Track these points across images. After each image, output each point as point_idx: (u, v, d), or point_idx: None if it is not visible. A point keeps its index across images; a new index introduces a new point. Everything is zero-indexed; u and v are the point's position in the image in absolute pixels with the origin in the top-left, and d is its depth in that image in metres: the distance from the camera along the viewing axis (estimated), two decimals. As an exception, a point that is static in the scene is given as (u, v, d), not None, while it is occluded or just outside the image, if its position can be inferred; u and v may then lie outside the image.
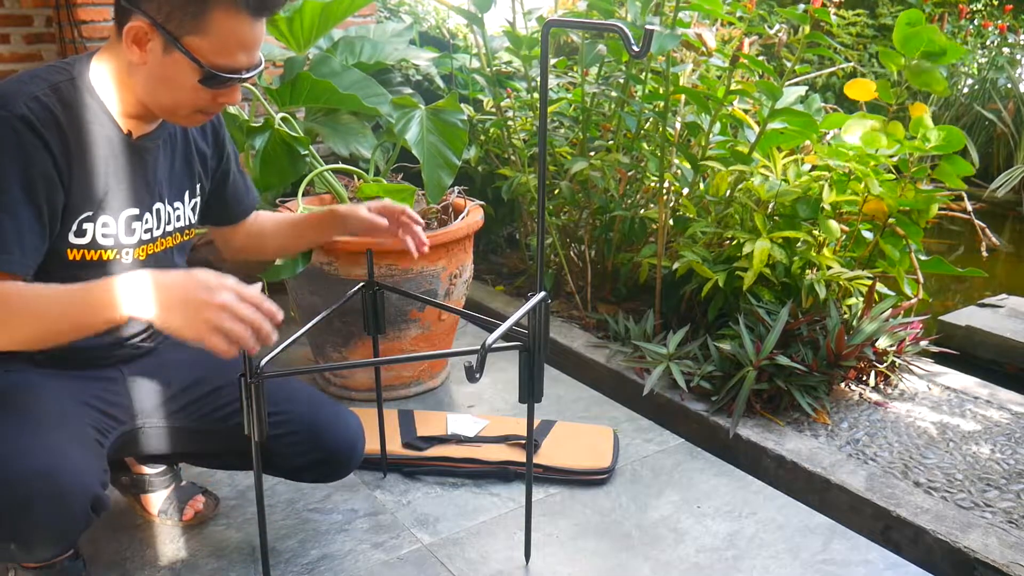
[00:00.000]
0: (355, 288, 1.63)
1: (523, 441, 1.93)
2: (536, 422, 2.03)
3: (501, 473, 1.86)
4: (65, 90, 1.26)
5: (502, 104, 2.81)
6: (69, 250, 1.30)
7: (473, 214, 2.25)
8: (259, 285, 1.18)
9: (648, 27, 1.15)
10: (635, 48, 1.14)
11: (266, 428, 1.28)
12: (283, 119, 2.14)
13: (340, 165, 2.26)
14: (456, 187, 2.40)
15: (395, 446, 1.91)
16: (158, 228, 1.42)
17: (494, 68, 2.74)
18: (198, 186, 1.51)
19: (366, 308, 1.66)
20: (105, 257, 1.34)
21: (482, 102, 3.10)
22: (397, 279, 2.08)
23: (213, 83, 1.25)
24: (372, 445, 1.85)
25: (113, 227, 1.34)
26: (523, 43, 2.61)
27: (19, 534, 1.21)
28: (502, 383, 2.31)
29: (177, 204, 1.46)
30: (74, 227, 1.29)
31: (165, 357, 1.52)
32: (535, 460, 1.86)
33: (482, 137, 3.08)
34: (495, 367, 2.38)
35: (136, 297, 1.13)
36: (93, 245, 1.32)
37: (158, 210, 1.41)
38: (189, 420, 1.49)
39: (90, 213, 1.30)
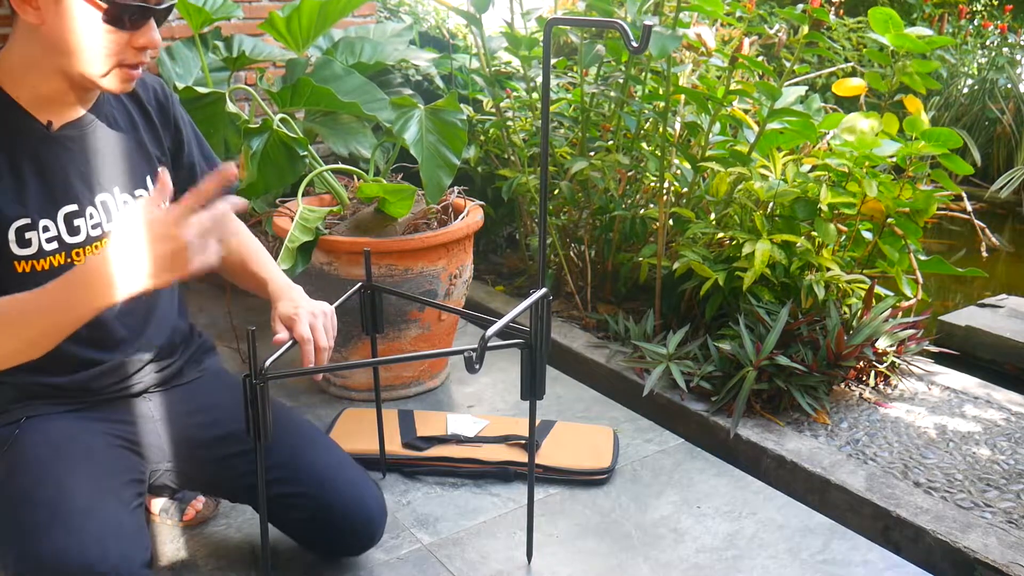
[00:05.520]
0: (352, 289, 1.63)
1: (523, 441, 1.93)
2: (536, 422, 2.03)
3: (501, 473, 1.86)
4: None
5: (501, 104, 2.81)
6: (16, 263, 1.22)
7: (473, 214, 2.25)
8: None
9: (646, 23, 1.16)
10: (634, 44, 1.16)
11: (271, 431, 1.28)
12: (282, 120, 2.14)
13: (340, 165, 2.26)
14: (456, 187, 2.40)
15: (395, 446, 1.91)
16: (109, 222, 1.31)
17: (493, 68, 2.74)
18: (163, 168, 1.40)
19: (364, 308, 1.66)
20: (56, 263, 1.25)
21: (482, 102, 3.10)
22: (397, 279, 2.08)
23: (121, 19, 1.15)
24: (371, 445, 1.85)
25: (54, 230, 1.25)
26: (522, 43, 2.61)
27: None
28: (502, 383, 2.31)
29: (139, 192, 1.35)
30: (12, 237, 1.21)
31: (189, 399, 1.46)
32: (535, 460, 1.86)
33: (482, 137, 3.09)
34: (495, 367, 2.38)
35: (114, 275, 1.05)
36: (40, 254, 1.24)
37: (104, 203, 1.31)
38: (213, 473, 1.47)
39: (27, 221, 1.22)
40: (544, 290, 1.34)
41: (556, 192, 2.75)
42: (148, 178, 1.38)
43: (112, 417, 1.37)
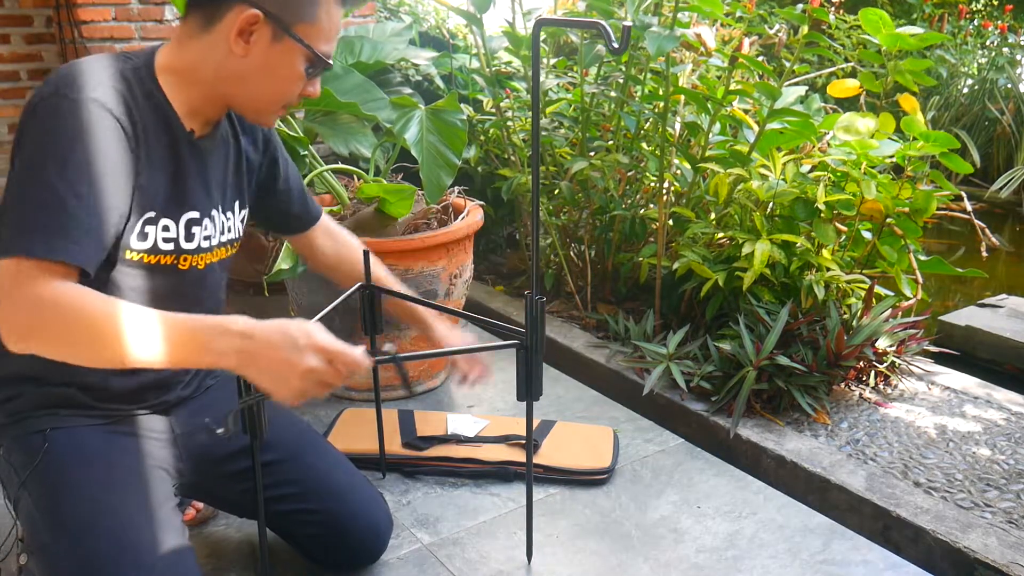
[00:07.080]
0: (351, 289, 1.63)
1: (523, 441, 1.93)
2: (536, 422, 2.03)
3: (501, 473, 1.86)
4: (134, 79, 1.20)
5: (501, 104, 2.81)
6: (128, 251, 1.22)
7: (473, 214, 2.25)
8: (362, 348, 1.16)
9: (625, 24, 1.18)
10: (615, 44, 1.17)
11: (267, 431, 1.28)
12: (281, 119, 2.14)
13: (340, 165, 2.27)
14: (456, 187, 2.40)
15: (395, 446, 1.91)
16: (215, 236, 1.35)
17: (494, 68, 2.74)
18: (248, 197, 1.45)
19: (364, 308, 1.66)
20: (164, 262, 1.27)
21: (482, 102, 3.10)
22: (397, 279, 2.08)
23: (316, 70, 1.25)
24: (371, 445, 1.85)
25: (174, 231, 1.26)
26: (522, 43, 2.61)
27: None
28: (502, 383, 2.31)
29: (229, 214, 1.39)
30: (137, 228, 1.21)
31: (204, 410, 1.44)
32: (535, 460, 1.86)
33: (482, 137, 3.09)
34: (495, 367, 2.37)
35: (232, 347, 1.10)
36: (154, 251, 1.24)
37: (213, 216, 1.34)
38: (223, 486, 1.47)
39: (152, 215, 1.22)
40: (527, 292, 1.34)
41: (556, 192, 2.75)
42: (237, 203, 1.42)
43: (139, 433, 1.34)
